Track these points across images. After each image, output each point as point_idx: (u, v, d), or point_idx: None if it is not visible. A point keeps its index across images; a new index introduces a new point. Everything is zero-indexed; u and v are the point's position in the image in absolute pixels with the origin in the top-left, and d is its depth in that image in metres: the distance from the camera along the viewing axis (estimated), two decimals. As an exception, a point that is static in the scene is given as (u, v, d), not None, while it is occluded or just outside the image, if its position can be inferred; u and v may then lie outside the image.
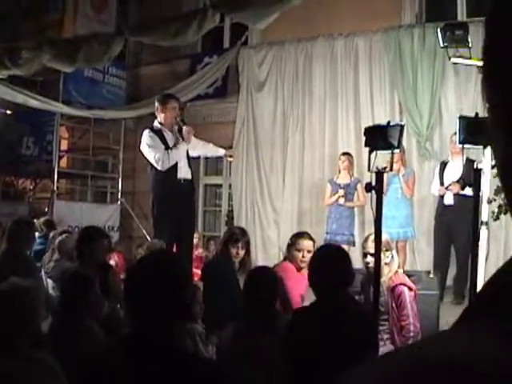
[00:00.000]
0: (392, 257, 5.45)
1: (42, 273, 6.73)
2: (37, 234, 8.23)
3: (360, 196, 9.58)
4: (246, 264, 6.44)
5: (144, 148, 7.55)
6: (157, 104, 7.75)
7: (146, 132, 7.62)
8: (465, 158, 8.50)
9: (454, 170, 8.78)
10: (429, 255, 9.50)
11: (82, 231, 6.29)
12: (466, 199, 8.33)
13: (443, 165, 9.08)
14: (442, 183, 8.89)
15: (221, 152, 8.90)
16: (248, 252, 6.46)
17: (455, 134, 8.74)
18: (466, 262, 8.45)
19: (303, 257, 5.84)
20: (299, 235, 6.15)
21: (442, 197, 8.89)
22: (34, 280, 4.31)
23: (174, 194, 7.37)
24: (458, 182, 8.53)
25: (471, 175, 8.18)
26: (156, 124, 7.64)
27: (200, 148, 8.25)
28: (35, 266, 6.62)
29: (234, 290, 6.12)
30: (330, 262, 3.93)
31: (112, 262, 7.14)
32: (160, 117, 7.63)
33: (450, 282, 8.58)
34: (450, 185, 8.66)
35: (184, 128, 7.61)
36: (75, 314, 4.14)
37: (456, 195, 8.56)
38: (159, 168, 7.44)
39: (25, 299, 3.28)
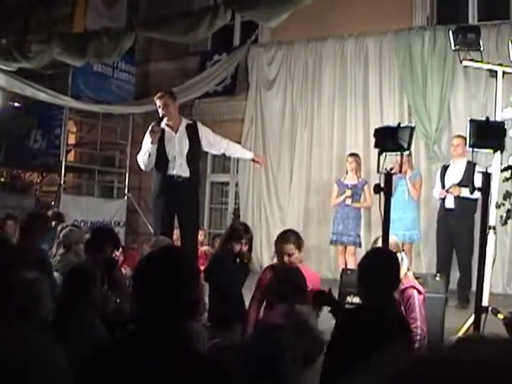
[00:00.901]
0: (402, 259, 5.42)
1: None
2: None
3: (367, 197, 9.56)
4: (248, 260, 6.39)
5: None
6: None
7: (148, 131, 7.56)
8: (465, 161, 8.52)
9: (455, 173, 8.76)
10: (435, 258, 9.48)
11: (93, 234, 6.29)
12: (466, 202, 8.33)
13: (444, 168, 9.05)
14: (443, 186, 8.86)
15: (248, 156, 8.48)
16: (250, 249, 6.40)
17: (456, 136, 8.81)
18: (469, 265, 8.44)
19: (282, 261, 5.74)
20: (279, 240, 5.92)
21: (443, 200, 8.86)
22: (41, 273, 4.28)
23: (164, 190, 7.35)
24: (458, 184, 8.51)
25: (471, 177, 8.22)
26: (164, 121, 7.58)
27: (221, 146, 7.90)
28: (47, 259, 6.55)
29: (237, 286, 6.14)
30: (380, 265, 3.98)
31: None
32: None
33: (452, 285, 8.54)
34: (450, 187, 8.64)
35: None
36: (75, 309, 4.12)
37: (457, 198, 8.54)
38: (142, 168, 7.57)
39: (29, 290, 3.28)
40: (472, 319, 5.40)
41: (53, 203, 12.92)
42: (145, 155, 7.33)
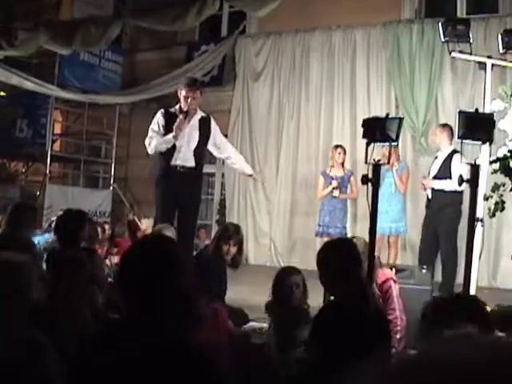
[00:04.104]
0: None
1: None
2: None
3: (353, 188, 9.54)
4: (237, 262, 6.37)
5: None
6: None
7: (159, 111, 7.44)
8: (450, 151, 8.48)
9: (436, 165, 8.71)
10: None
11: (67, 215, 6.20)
12: (440, 194, 8.27)
13: (435, 159, 9.00)
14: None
15: (248, 171, 8.13)
16: (240, 250, 6.38)
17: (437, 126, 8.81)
18: (451, 257, 8.40)
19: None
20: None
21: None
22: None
23: (166, 179, 7.24)
24: (435, 177, 8.45)
25: (448, 169, 8.14)
26: (176, 106, 7.44)
27: (226, 151, 7.80)
28: (35, 249, 6.45)
29: (221, 287, 6.16)
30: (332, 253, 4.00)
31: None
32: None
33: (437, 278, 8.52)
34: (423, 181, 8.63)
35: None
36: (66, 296, 4.09)
37: (432, 190, 8.48)
38: (148, 151, 7.36)
39: (16, 273, 3.24)
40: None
41: (38, 193, 12.86)
42: (161, 145, 7.17)
